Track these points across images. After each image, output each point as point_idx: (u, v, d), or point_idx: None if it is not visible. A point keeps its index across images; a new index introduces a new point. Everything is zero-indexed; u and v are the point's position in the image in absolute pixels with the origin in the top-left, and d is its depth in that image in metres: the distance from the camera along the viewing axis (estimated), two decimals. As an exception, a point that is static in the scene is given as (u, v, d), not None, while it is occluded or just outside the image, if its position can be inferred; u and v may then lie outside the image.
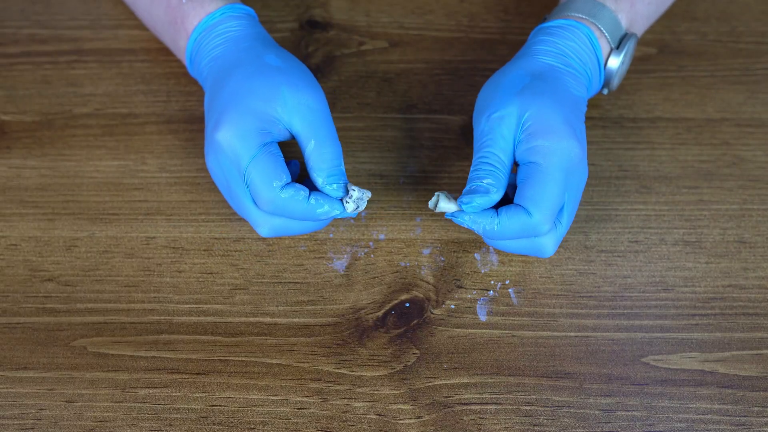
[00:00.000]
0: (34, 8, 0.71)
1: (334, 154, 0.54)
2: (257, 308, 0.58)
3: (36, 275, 0.59)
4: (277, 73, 0.55)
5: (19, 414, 0.54)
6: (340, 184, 0.54)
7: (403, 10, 0.72)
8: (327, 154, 0.54)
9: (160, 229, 0.61)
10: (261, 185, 0.53)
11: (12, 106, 0.66)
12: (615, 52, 0.59)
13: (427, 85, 0.68)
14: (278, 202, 0.53)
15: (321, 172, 0.54)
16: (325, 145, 0.54)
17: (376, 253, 0.60)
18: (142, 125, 0.65)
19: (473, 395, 0.55)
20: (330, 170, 0.54)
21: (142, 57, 0.68)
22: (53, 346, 0.56)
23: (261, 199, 0.53)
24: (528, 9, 0.72)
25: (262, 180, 0.53)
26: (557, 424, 0.54)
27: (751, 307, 0.58)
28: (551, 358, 0.56)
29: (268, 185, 0.53)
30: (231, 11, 0.59)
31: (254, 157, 0.53)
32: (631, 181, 0.63)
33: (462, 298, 0.58)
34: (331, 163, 0.54)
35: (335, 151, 0.54)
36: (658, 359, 0.56)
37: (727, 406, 0.55)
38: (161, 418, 0.54)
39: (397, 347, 0.56)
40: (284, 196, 0.53)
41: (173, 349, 0.56)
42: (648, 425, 0.54)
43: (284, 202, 0.53)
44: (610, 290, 0.59)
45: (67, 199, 0.62)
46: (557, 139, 0.53)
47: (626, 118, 0.66)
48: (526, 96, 0.55)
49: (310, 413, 0.54)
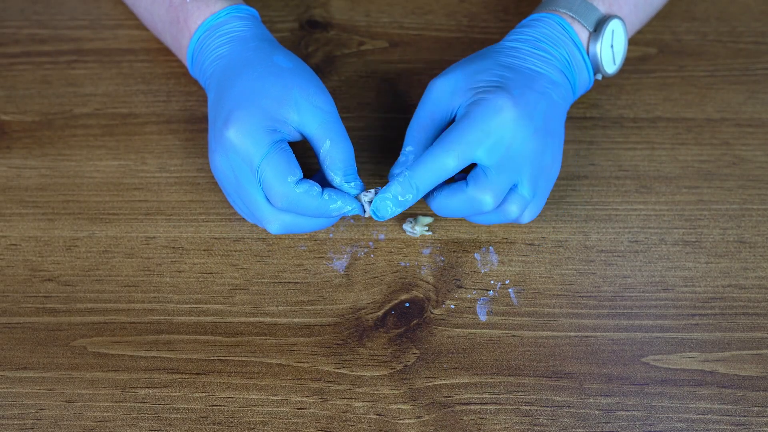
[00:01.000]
0: (34, 8, 0.71)
1: (349, 154, 0.56)
2: (257, 308, 0.58)
3: (36, 275, 0.59)
4: (288, 75, 0.56)
5: (19, 414, 0.54)
6: (357, 182, 0.56)
7: (403, 10, 0.72)
8: (342, 153, 0.55)
9: (160, 229, 0.61)
10: (275, 181, 0.53)
11: (12, 106, 0.66)
12: (594, 36, 0.60)
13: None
14: (293, 197, 0.53)
15: (338, 170, 0.55)
16: (339, 145, 0.55)
17: (376, 253, 0.60)
18: (142, 125, 0.65)
19: (473, 395, 0.55)
20: (346, 169, 0.55)
21: (142, 57, 0.68)
22: (53, 346, 0.56)
23: (275, 194, 0.53)
24: (528, 9, 0.72)
25: (276, 176, 0.53)
26: (557, 424, 0.54)
27: (751, 307, 0.58)
28: (551, 358, 0.56)
29: (283, 181, 0.53)
30: (236, 11, 0.59)
31: (267, 154, 0.53)
32: (631, 181, 0.63)
33: (462, 298, 0.58)
34: (347, 162, 0.55)
35: (349, 151, 0.56)
36: (658, 359, 0.56)
37: (727, 406, 0.55)
38: (161, 418, 0.54)
39: (397, 347, 0.56)
40: (299, 191, 0.53)
41: (173, 349, 0.56)
42: (648, 425, 0.54)
43: (299, 197, 0.53)
44: (610, 290, 0.59)
45: (67, 199, 0.62)
46: (488, 95, 0.55)
47: (626, 118, 0.66)
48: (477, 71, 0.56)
49: (310, 413, 0.54)
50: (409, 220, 0.60)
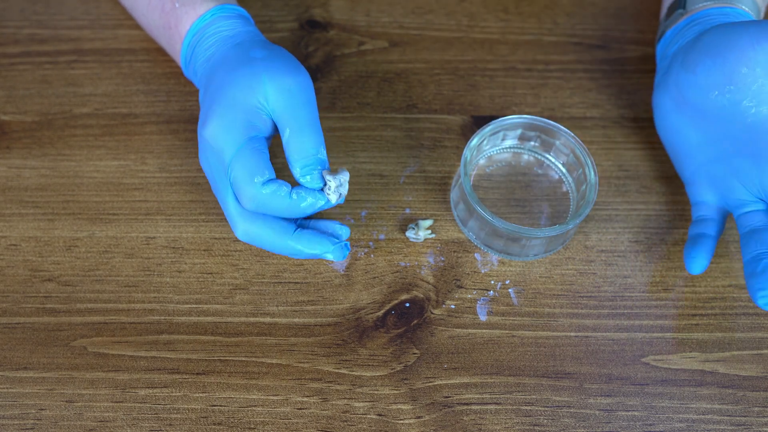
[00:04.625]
0: (34, 8, 0.71)
1: (312, 142, 0.52)
2: (257, 308, 0.58)
3: (36, 275, 0.59)
4: (259, 63, 0.54)
5: (19, 414, 0.54)
6: (314, 175, 0.52)
7: (403, 10, 0.72)
8: (303, 142, 0.52)
9: (160, 229, 0.61)
10: (242, 181, 0.51)
11: (12, 106, 0.66)
12: None
13: (427, 85, 0.68)
14: (260, 199, 0.52)
15: (296, 162, 0.52)
16: (301, 133, 0.52)
17: (376, 253, 0.60)
18: (142, 125, 0.65)
19: (473, 395, 0.55)
20: (305, 160, 0.52)
21: (142, 57, 0.68)
22: (53, 346, 0.56)
23: (243, 195, 0.52)
24: (528, 9, 0.72)
25: (243, 175, 0.51)
26: (557, 424, 0.54)
27: (751, 307, 0.58)
28: (551, 358, 0.56)
29: (250, 181, 0.51)
30: (221, 12, 0.59)
31: (237, 152, 0.51)
32: (631, 181, 0.63)
33: (462, 298, 0.58)
34: (307, 152, 0.52)
35: (312, 139, 0.52)
36: (658, 359, 0.56)
37: (727, 406, 0.55)
38: (161, 418, 0.54)
39: (397, 347, 0.56)
40: (266, 192, 0.51)
41: (173, 349, 0.56)
42: (648, 425, 0.54)
43: (266, 198, 0.51)
44: (610, 290, 0.59)
45: (67, 199, 0.62)
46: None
47: (626, 118, 0.66)
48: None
49: (310, 413, 0.54)
50: (411, 227, 0.60)
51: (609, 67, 0.69)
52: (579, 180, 0.61)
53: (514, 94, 0.67)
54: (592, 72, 0.69)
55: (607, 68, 0.69)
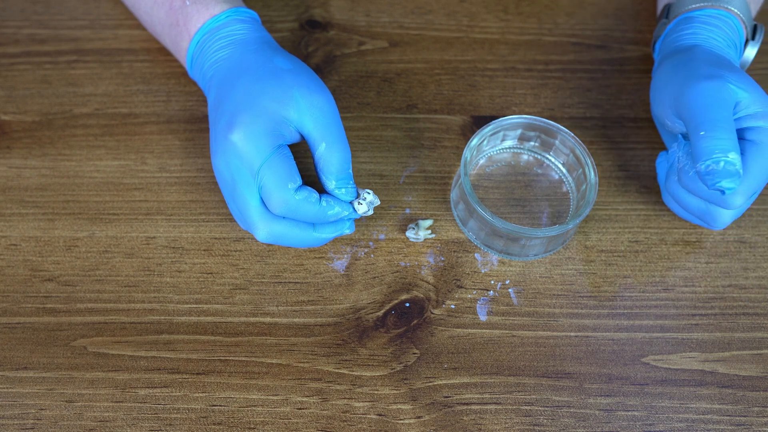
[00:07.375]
0: (34, 8, 0.71)
1: (344, 158, 0.55)
2: (257, 308, 0.58)
3: (36, 275, 0.59)
4: (288, 75, 0.55)
5: (19, 414, 0.54)
6: (348, 188, 0.55)
7: (403, 10, 0.72)
8: (337, 157, 0.54)
9: (160, 229, 0.61)
10: (275, 187, 0.53)
11: (12, 106, 0.66)
12: (751, 43, 0.59)
13: (427, 85, 0.68)
14: (292, 204, 0.53)
15: (331, 175, 0.55)
16: (335, 148, 0.54)
17: (376, 253, 0.60)
18: (142, 125, 0.65)
19: (473, 395, 0.55)
20: (339, 173, 0.55)
21: (142, 57, 0.68)
22: (53, 346, 0.56)
23: (274, 200, 0.53)
24: (528, 9, 0.72)
25: (276, 182, 0.53)
26: (557, 424, 0.54)
27: (751, 307, 0.58)
28: (551, 358, 0.56)
29: (283, 187, 0.53)
30: (236, 14, 0.59)
31: (268, 159, 0.53)
32: (631, 181, 0.63)
33: (462, 298, 0.58)
34: (341, 166, 0.55)
35: (345, 155, 0.55)
36: (658, 359, 0.56)
37: (727, 406, 0.55)
38: (161, 418, 0.54)
39: (397, 347, 0.56)
40: (298, 197, 0.53)
41: (173, 349, 0.56)
42: (648, 425, 0.54)
43: (297, 204, 0.53)
44: (610, 290, 0.59)
45: (67, 199, 0.62)
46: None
47: (626, 118, 0.66)
48: (735, 77, 0.54)
49: (310, 413, 0.54)
50: (411, 227, 0.60)
51: (609, 67, 0.69)
52: (579, 180, 0.61)
53: (514, 94, 0.67)
54: (592, 72, 0.69)
55: (607, 68, 0.69)
